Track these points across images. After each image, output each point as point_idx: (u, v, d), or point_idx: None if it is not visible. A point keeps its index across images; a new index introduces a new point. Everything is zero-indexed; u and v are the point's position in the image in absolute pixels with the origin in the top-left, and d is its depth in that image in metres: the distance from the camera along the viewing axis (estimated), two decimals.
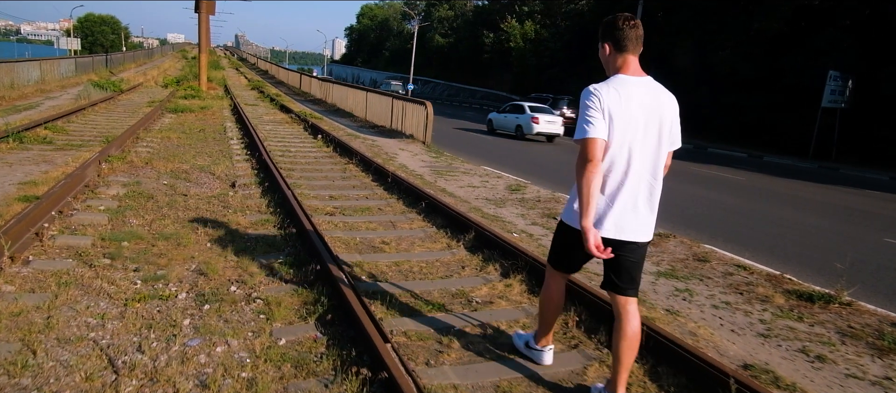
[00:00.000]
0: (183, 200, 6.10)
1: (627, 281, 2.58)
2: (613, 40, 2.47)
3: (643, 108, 2.43)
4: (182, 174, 7.47)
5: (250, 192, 6.75)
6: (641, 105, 2.43)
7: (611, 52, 2.50)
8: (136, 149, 9.08)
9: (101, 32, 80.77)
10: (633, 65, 2.49)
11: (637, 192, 2.47)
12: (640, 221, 2.50)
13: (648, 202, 2.52)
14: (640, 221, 2.50)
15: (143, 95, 21.06)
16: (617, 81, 2.45)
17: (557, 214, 7.24)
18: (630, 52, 2.47)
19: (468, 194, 8.23)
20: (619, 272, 2.57)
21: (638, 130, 2.43)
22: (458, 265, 4.74)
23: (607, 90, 2.41)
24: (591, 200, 2.34)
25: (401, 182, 7.53)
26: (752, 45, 26.52)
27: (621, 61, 2.48)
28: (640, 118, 2.42)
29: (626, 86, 2.43)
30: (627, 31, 2.45)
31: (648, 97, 2.46)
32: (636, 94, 2.43)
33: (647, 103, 2.45)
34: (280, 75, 45.73)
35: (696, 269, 5.34)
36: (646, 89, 2.47)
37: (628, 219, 2.47)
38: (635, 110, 2.41)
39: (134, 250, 4.42)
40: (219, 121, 14.43)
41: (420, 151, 12.34)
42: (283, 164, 8.94)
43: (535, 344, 3.07)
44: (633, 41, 2.45)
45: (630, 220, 2.48)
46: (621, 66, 2.48)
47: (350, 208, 6.43)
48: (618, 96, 2.39)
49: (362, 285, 4.03)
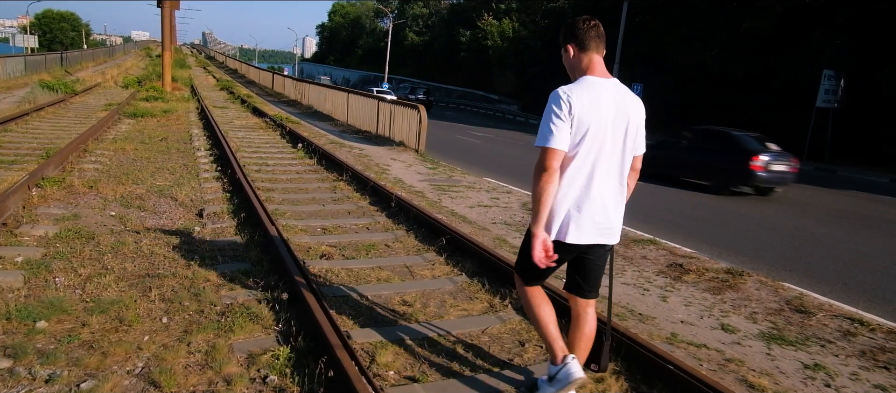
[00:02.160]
0: (134, 243, 4.68)
1: (592, 284, 2.62)
2: (576, 41, 2.44)
3: (611, 111, 2.38)
4: (136, 201, 6.02)
5: (222, 226, 5.35)
6: (610, 108, 2.38)
7: (575, 53, 2.46)
8: (80, 166, 7.55)
9: (61, 29, 77.19)
10: (599, 66, 2.44)
11: (604, 194, 2.45)
12: (608, 224, 2.49)
13: (615, 205, 2.50)
14: (608, 224, 2.49)
15: (100, 97, 19.20)
16: (586, 83, 2.39)
17: None
18: (593, 51, 2.43)
19: (482, 217, 6.96)
20: (585, 275, 2.60)
21: (606, 134, 2.38)
22: (514, 340, 3.46)
23: (578, 93, 2.34)
24: (545, 208, 2.35)
25: (407, 208, 6.21)
26: (743, 44, 25.84)
27: (587, 61, 2.44)
28: (608, 121, 2.37)
29: (595, 87, 2.38)
30: (588, 30, 2.42)
31: (616, 100, 2.40)
32: (605, 96, 2.38)
33: (615, 107, 2.40)
34: (250, 75, 43.72)
35: (804, 326, 4.17)
36: (614, 92, 2.41)
37: (596, 222, 2.45)
38: (604, 113, 2.36)
39: (52, 338, 3.02)
40: (184, 127, 12.87)
41: (414, 162, 11.00)
42: (261, 182, 7.53)
43: (554, 369, 2.65)
44: (595, 40, 2.43)
45: (599, 222, 2.45)
46: (587, 67, 2.44)
47: (351, 247, 5.09)
48: (588, 99, 2.34)
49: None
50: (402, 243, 5.30)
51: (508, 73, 42.01)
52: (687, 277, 5.11)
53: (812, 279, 5.69)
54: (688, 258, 5.70)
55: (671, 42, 28.99)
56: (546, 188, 2.31)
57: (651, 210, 8.83)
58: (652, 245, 6.11)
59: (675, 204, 9.89)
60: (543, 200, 2.32)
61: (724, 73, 26.29)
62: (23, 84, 21.60)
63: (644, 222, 7.53)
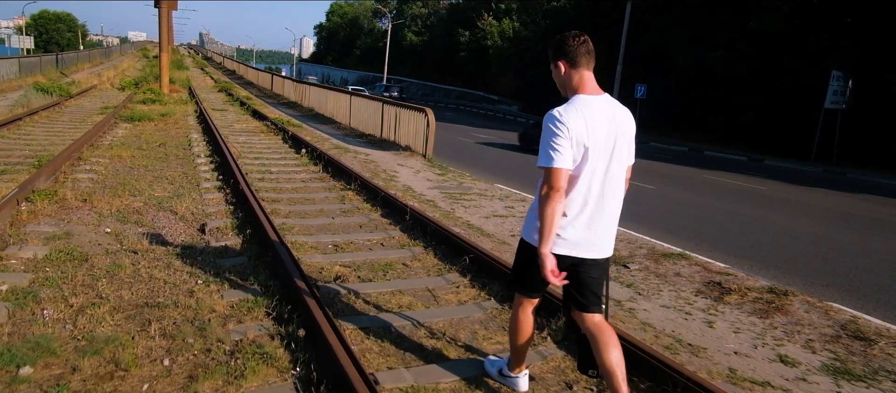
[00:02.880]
0: (131, 265, 4.29)
1: (591, 298, 2.57)
2: (566, 57, 2.43)
3: (605, 128, 2.38)
4: (133, 215, 5.63)
5: (227, 243, 4.97)
6: (603, 126, 2.38)
7: (566, 70, 2.45)
8: (74, 176, 7.15)
9: (57, 30, 76.50)
10: (591, 83, 2.44)
11: (601, 211, 2.46)
12: (604, 238, 2.51)
13: (611, 219, 2.51)
14: (603, 239, 2.51)
15: (96, 100, 18.76)
16: (579, 103, 2.39)
17: (631, 258, 5.65)
18: (584, 67, 2.42)
19: (500, 229, 6.59)
20: (582, 290, 2.56)
21: (602, 152, 2.39)
22: (560, 380, 3.08)
23: (573, 116, 2.34)
24: (553, 228, 2.35)
25: (423, 221, 5.82)
26: (748, 44, 25.48)
27: (578, 79, 2.43)
28: (603, 139, 2.38)
29: (589, 107, 2.38)
30: (578, 46, 2.41)
31: (609, 117, 2.41)
32: (599, 115, 2.38)
33: (608, 124, 2.40)
34: (249, 75, 43.27)
35: (867, 357, 3.80)
36: (606, 108, 2.42)
37: (592, 236, 2.47)
38: (600, 132, 2.37)
39: (38, 388, 2.64)
40: (182, 131, 12.46)
41: (422, 167, 10.61)
42: (265, 192, 7.15)
43: (509, 372, 2.95)
44: (585, 56, 2.42)
45: (595, 236, 2.47)
46: (578, 85, 2.43)
47: (366, 266, 4.70)
48: (584, 121, 2.34)
49: None
50: (421, 262, 4.92)
51: (509, 73, 41.61)
52: (729, 298, 4.73)
53: (855, 297, 5.33)
54: (725, 275, 5.33)
55: (674, 43, 28.63)
56: (555, 209, 2.32)
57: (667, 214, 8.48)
58: (683, 260, 5.74)
59: (693, 209, 9.53)
60: (553, 221, 2.33)
61: (728, 74, 25.95)
62: (17, 87, 21.16)
63: (668, 232, 7.18)
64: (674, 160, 19.08)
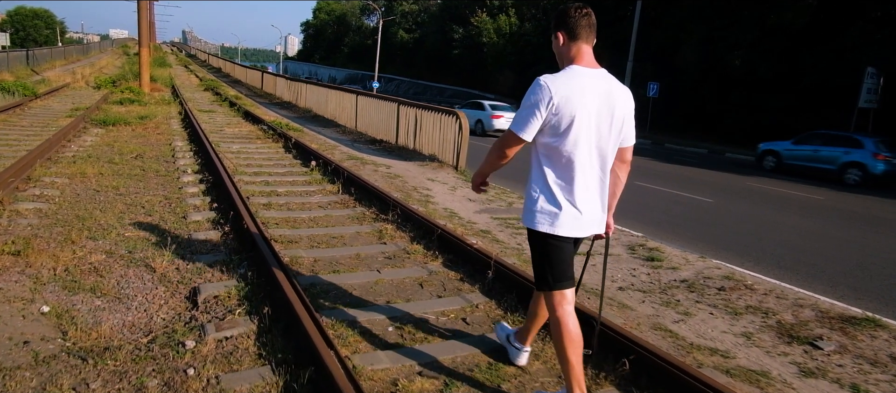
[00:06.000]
0: (74, 390, 2.49)
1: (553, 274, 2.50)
2: (566, 29, 2.37)
3: (596, 102, 2.30)
4: (89, 277, 3.80)
5: (234, 331, 3.17)
6: (594, 98, 2.30)
7: (564, 41, 2.39)
8: (15, 207, 5.27)
9: (34, 27, 73.65)
10: (588, 55, 2.37)
11: (587, 185, 2.38)
12: (593, 214, 2.42)
13: (599, 195, 2.43)
14: (593, 215, 2.42)
15: (66, 101, 16.69)
16: (569, 73, 2.33)
17: (806, 326, 3.94)
18: (583, 40, 2.36)
19: (595, 278, 4.83)
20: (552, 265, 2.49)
21: (590, 124, 2.30)
22: None
23: (559, 84, 2.27)
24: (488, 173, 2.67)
25: (511, 277, 4.04)
26: (769, 40, 24.02)
27: (575, 50, 2.36)
28: (592, 111, 2.30)
29: (579, 77, 2.32)
30: (579, 18, 2.34)
31: (601, 90, 2.32)
32: (589, 86, 2.30)
33: (600, 96, 2.31)
34: (236, 73, 41.03)
35: None
36: (599, 81, 2.34)
37: (581, 212, 2.38)
38: (588, 103, 2.29)
39: None
40: (165, 138, 10.56)
41: (457, 183, 8.80)
42: (276, 227, 5.34)
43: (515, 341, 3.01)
44: (586, 29, 2.35)
45: (584, 212, 2.39)
46: (575, 56, 2.36)
47: (463, 378, 2.93)
48: (569, 89, 2.26)
49: None
50: (540, 360, 3.16)
51: (507, 71, 39.88)
52: None
53: None
54: None
55: (686, 39, 27.12)
56: (496, 165, 2.54)
57: (758, 240, 6.79)
58: (879, 328, 4.04)
59: (777, 230, 7.84)
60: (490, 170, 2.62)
61: (748, 72, 24.46)
62: None
63: (786, 268, 5.50)
64: (699, 164, 17.66)
